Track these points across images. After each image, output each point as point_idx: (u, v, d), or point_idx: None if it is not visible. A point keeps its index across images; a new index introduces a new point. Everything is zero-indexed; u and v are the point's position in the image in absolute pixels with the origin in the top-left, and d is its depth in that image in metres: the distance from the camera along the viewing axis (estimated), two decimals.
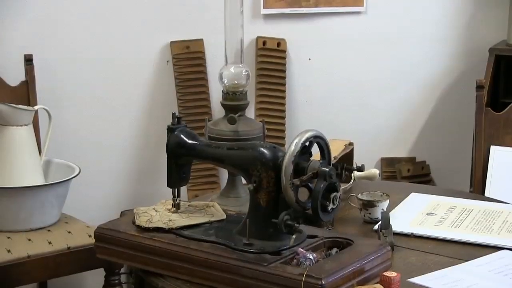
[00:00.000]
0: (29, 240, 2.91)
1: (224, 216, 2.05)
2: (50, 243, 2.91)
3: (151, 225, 1.97)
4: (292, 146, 1.83)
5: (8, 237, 2.91)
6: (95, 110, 3.46)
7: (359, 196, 2.25)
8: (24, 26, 3.34)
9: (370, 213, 2.22)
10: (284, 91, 3.50)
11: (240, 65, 2.34)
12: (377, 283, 1.80)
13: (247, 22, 3.37)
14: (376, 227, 2.14)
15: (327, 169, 1.82)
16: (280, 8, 3.48)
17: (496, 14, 3.59)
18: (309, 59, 3.55)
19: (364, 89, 3.61)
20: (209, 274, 1.84)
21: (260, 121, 2.43)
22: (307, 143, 1.85)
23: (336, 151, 2.36)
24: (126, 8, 3.40)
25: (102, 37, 3.41)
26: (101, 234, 2.00)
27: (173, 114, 2.10)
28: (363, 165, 2.16)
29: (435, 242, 2.11)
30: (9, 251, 2.84)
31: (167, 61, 3.45)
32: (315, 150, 1.91)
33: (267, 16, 3.49)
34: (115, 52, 3.43)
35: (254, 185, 1.88)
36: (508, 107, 2.94)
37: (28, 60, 3.26)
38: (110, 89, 3.46)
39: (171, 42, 3.43)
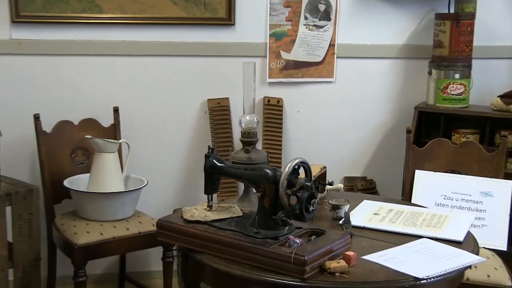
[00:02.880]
0: (114, 227, 2.93)
1: (241, 214, 2.06)
2: (127, 229, 2.94)
3: (193, 219, 1.99)
4: (286, 168, 1.85)
5: (101, 225, 2.93)
6: (158, 143, 3.45)
7: (330, 201, 2.26)
8: (112, 87, 3.36)
9: (337, 213, 2.22)
10: (281, 132, 3.48)
11: (253, 115, 2.36)
12: (341, 259, 1.82)
13: (258, 86, 3.40)
14: (340, 222, 2.15)
15: (309, 184, 1.86)
16: (279, 78, 3.47)
17: (419, 84, 3.58)
18: (298, 111, 3.53)
19: (334, 132, 3.59)
20: (231, 251, 1.86)
21: (265, 152, 2.46)
22: (296, 167, 1.88)
23: (315, 171, 2.37)
24: (179, 76, 3.41)
25: (164, 94, 3.42)
26: (160, 224, 2.03)
27: (209, 146, 2.12)
28: (332, 181, 2.20)
29: (378, 233, 2.12)
30: (101, 234, 2.87)
31: (205, 112, 3.44)
32: (302, 171, 1.92)
33: (271, 83, 3.48)
34: (172, 104, 3.43)
35: (260, 193, 1.90)
36: (426, 145, 2.93)
37: (115, 110, 3.29)
38: (168, 129, 3.46)
39: (208, 99, 3.42)
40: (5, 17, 3.18)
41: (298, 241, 1.81)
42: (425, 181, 2.80)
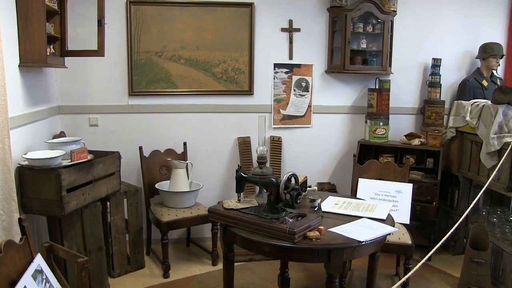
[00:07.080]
0: (183, 211, 2.91)
1: (257, 204, 2.05)
2: (191, 212, 2.92)
3: (229, 207, 1.99)
4: (284, 177, 1.86)
5: (176, 210, 2.92)
6: (208, 162, 3.41)
7: (309, 197, 2.22)
8: (183, 130, 3.34)
9: (313, 204, 2.16)
10: (280, 156, 3.46)
11: (264, 146, 2.34)
12: (316, 230, 1.81)
13: (267, 130, 3.40)
14: (315, 209, 2.13)
15: (297, 187, 1.87)
16: (280, 125, 3.44)
17: (360, 128, 3.55)
18: (290, 144, 3.51)
19: (311, 156, 3.55)
20: (251, 226, 1.85)
21: (271, 168, 2.44)
22: (289, 176, 1.87)
23: (300, 179, 2.34)
24: (221, 124, 3.39)
25: (212, 134, 3.39)
26: (210, 210, 2.01)
27: (238, 165, 2.14)
28: (311, 185, 2.20)
29: (338, 215, 2.11)
30: (176, 215, 2.86)
31: (236, 144, 3.42)
32: (293, 179, 1.91)
33: (275, 128, 3.45)
34: (216, 140, 3.40)
35: (269, 192, 1.90)
36: (364, 163, 2.93)
37: (184, 143, 3.28)
38: (214, 155, 3.42)
39: (238, 137, 3.41)
40: (126, 92, 3.23)
41: (290, 221, 1.81)
42: (364, 185, 2.80)
